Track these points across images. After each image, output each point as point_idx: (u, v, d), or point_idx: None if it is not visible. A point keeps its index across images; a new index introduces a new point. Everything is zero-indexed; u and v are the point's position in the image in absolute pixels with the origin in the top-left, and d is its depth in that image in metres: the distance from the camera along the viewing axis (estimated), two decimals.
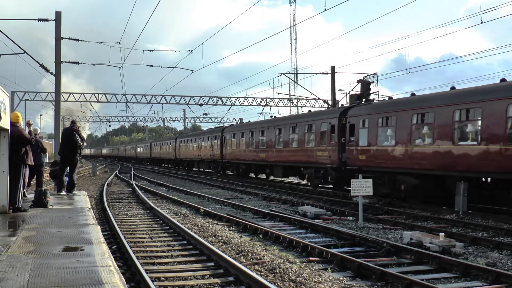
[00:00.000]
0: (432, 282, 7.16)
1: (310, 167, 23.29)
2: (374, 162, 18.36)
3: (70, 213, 9.75)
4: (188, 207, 17.08)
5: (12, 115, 9.79)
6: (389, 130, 17.81)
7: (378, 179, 17.50)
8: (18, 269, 4.97)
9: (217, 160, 37.97)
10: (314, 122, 23.20)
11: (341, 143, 20.54)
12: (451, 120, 14.82)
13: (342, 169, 20.44)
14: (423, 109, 16.22)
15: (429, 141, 15.77)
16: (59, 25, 21.17)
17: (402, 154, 16.87)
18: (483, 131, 13.77)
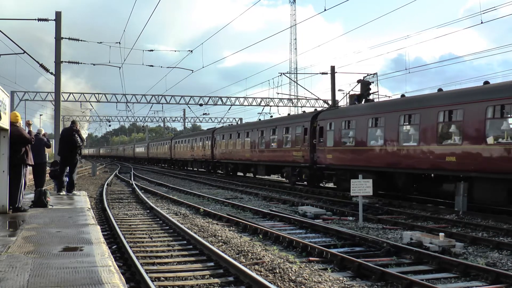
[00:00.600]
0: (432, 282, 7.16)
1: (288, 166, 25.72)
2: (339, 161, 20.79)
3: (70, 213, 9.75)
4: (188, 207, 17.08)
5: (11, 115, 9.78)
6: (350, 132, 20.19)
7: (343, 175, 20.25)
8: (18, 269, 4.97)
9: (208, 160, 40.47)
10: (291, 125, 25.78)
11: (312, 144, 22.92)
12: (397, 124, 17.23)
13: (314, 167, 22.87)
14: (376, 114, 18.62)
15: (381, 143, 18.06)
16: (59, 25, 21.16)
17: (360, 154, 19.28)
18: (421, 134, 16.08)
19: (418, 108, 16.51)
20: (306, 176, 24.20)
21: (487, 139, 13.69)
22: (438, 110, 15.44)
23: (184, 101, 50.14)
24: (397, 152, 17.14)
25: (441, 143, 15.34)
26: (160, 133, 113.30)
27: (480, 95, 14.16)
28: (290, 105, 51.44)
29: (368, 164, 18.72)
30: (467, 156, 14.23)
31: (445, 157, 14.99)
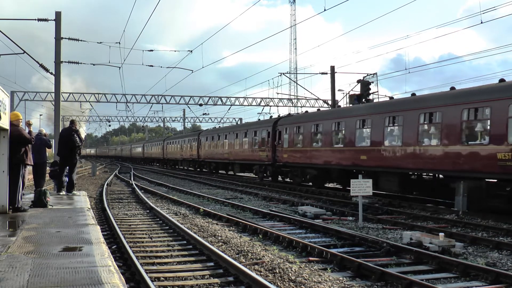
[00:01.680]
0: (431, 282, 7.17)
1: (256, 164, 30.55)
2: (292, 160, 25.45)
3: (69, 213, 9.75)
4: (187, 207, 17.08)
5: (11, 115, 9.79)
6: (300, 136, 24.82)
7: (295, 172, 25.47)
8: (17, 269, 4.96)
9: (195, 159, 45.62)
10: (258, 129, 30.47)
11: (274, 146, 27.62)
12: (329, 129, 21.95)
13: (275, 165, 27.68)
14: (317, 122, 23.34)
15: (320, 145, 22.70)
16: (58, 25, 21.13)
17: (307, 154, 23.78)
18: (345, 138, 20.80)
19: (343, 117, 21.35)
20: (269, 172, 29.12)
21: (385, 142, 18.13)
22: (356, 119, 20.05)
23: (184, 101, 50.15)
24: (331, 153, 21.80)
25: (357, 145, 19.73)
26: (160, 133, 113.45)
27: (379, 108, 19.26)
28: (290, 105, 51.46)
29: (312, 162, 23.36)
30: (373, 156, 18.68)
31: (360, 156, 19.48)
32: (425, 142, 16.29)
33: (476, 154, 14.19)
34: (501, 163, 13.23)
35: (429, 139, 16.28)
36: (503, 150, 13.25)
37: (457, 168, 14.74)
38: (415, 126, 16.59)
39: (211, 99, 50.41)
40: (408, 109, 17.15)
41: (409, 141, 16.84)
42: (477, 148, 14.20)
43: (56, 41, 21.44)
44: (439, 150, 15.44)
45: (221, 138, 37.65)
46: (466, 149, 14.49)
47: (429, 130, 16.36)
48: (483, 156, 13.92)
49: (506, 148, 13.14)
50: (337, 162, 21.28)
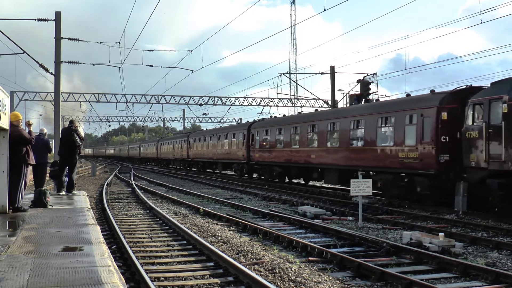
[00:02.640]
0: (431, 282, 7.17)
1: (235, 162, 34.36)
2: (262, 159, 29.48)
3: (69, 213, 9.75)
4: (187, 207, 17.08)
5: (11, 116, 9.78)
6: (268, 138, 28.93)
7: (265, 169, 29.65)
8: (17, 269, 4.96)
9: (185, 159, 49.28)
10: (236, 132, 34.62)
11: (248, 146, 31.50)
12: (289, 133, 26.10)
13: (250, 163, 31.48)
14: (280, 126, 27.69)
15: (283, 146, 26.88)
16: (58, 25, 21.12)
17: (273, 153, 28.04)
18: (301, 140, 24.76)
19: (299, 122, 25.52)
20: (245, 170, 32.96)
21: (327, 144, 22.10)
22: (307, 125, 24.32)
23: (183, 101, 50.15)
24: (290, 153, 25.72)
25: (308, 146, 23.73)
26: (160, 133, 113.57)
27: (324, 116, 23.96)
28: (290, 105, 51.46)
29: (277, 160, 27.40)
30: (319, 155, 22.71)
31: (310, 155, 23.44)
32: (354, 144, 20.12)
33: (386, 153, 17.87)
34: (401, 160, 16.88)
35: (357, 142, 20.01)
36: (402, 150, 16.94)
37: (375, 165, 18.45)
38: (347, 131, 20.52)
39: (211, 99, 50.43)
40: (342, 117, 21.45)
41: (343, 143, 20.83)
42: (387, 149, 17.84)
43: (56, 41, 21.43)
44: (364, 150, 19.20)
45: (206, 139, 41.72)
46: (380, 150, 18.21)
47: (356, 134, 20.10)
48: (390, 155, 17.62)
49: (404, 148, 16.87)
50: (295, 160, 25.31)
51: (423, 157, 15.98)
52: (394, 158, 17.21)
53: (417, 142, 16.32)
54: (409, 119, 16.93)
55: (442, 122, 15.55)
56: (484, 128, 13.52)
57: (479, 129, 13.76)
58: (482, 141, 13.58)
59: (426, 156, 15.86)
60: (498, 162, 13.05)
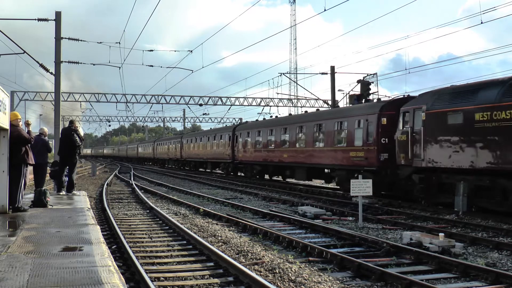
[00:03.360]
0: (431, 282, 7.17)
1: (222, 162, 38.01)
2: (244, 158, 32.70)
3: (69, 213, 9.75)
4: (187, 207, 17.08)
5: (10, 115, 9.78)
6: (249, 139, 31.93)
7: (247, 167, 33.03)
8: (17, 269, 4.96)
9: (178, 159, 52.79)
10: (223, 134, 37.89)
11: (233, 147, 34.74)
12: (266, 135, 29.32)
13: (234, 162, 34.90)
14: (259, 129, 30.91)
15: (261, 146, 29.92)
16: (59, 25, 21.11)
17: (253, 153, 31.23)
18: (275, 142, 28.09)
19: (274, 125, 28.78)
20: (231, 168, 36.24)
21: (296, 145, 25.07)
22: (281, 127, 27.48)
23: (184, 101, 50.12)
24: (267, 153, 28.94)
25: (282, 147, 26.97)
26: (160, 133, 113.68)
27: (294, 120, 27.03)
28: (290, 105, 51.44)
29: (257, 160, 30.64)
30: (290, 155, 25.86)
31: (283, 155, 26.70)
32: (317, 145, 23.09)
33: (341, 153, 20.83)
34: (352, 159, 19.76)
35: (319, 143, 22.93)
36: (352, 150, 19.78)
37: (334, 163, 21.50)
38: (312, 133, 23.57)
39: (211, 99, 50.39)
40: (308, 121, 24.35)
41: (309, 144, 23.78)
42: (341, 149, 20.79)
43: (56, 41, 21.42)
44: (324, 150, 22.31)
45: (197, 140, 45.21)
46: (336, 150, 21.24)
47: (319, 136, 23.05)
48: (344, 155, 20.58)
49: (354, 148, 19.71)
50: (271, 160, 28.60)
51: (367, 156, 18.82)
52: (347, 157, 20.25)
53: (363, 143, 19.20)
54: (357, 123, 19.79)
55: (382, 126, 18.27)
56: (410, 133, 16.26)
57: (406, 133, 16.43)
58: (408, 143, 16.28)
59: (370, 155, 18.71)
60: (419, 161, 15.69)
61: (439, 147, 15.06)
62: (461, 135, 14.25)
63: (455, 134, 14.46)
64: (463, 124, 14.18)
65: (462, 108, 14.35)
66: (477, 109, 13.68)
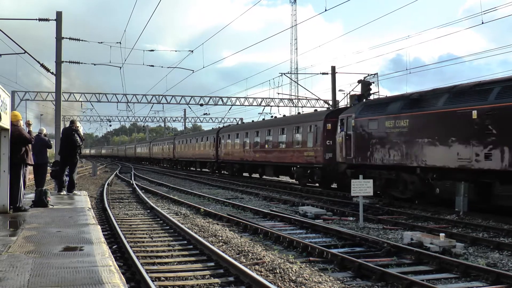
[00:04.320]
0: (432, 283, 7.16)
1: (208, 161, 42.71)
2: (226, 158, 37.00)
3: (70, 213, 9.76)
4: (188, 207, 17.08)
5: (11, 115, 9.79)
6: (229, 141, 36.10)
7: (227, 166, 37.53)
8: (18, 269, 4.97)
9: (171, 159, 57.31)
10: (208, 136, 42.39)
11: (217, 148, 38.89)
12: (243, 138, 33.31)
13: (218, 161, 39.13)
14: (236, 132, 35.48)
15: (238, 147, 34.18)
16: (59, 25, 21.13)
17: (233, 153, 35.43)
18: (250, 143, 32.14)
19: (249, 129, 32.82)
20: (215, 167, 40.58)
21: (265, 146, 29.36)
22: (254, 130, 31.54)
23: (184, 101, 50.18)
24: (244, 153, 32.99)
25: (254, 147, 31.03)
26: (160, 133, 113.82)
27: (264, 124, 31.66)
28: (290, 105, 51.44)
29: (235, 159, 34.98)
30: (261, 155, 30.01)
31: (256, 155, 30.79)
32: (280, 146, 27.43)
33: (298, 153, 25.12)
34: (306, 158, 24.22)
35: (282, 144, 27.31)
36: (306, 150, 24.22)
37: (294, 161, 25.66)
38: (277, 136, 27.79)
39: (211, 99, 50.44)
40: (275, 125, 29.06)
41: (275, 145, 28.07)
42: (298, 150, 25.13)
43: (57, 41, 21.43)
44: (286, 151, 26.63)
45: (187, 142, 49.43)
46: (295, 150, 25.56)
47: (282, 139, 27.31)
48: (300, 154, 24.82)
49: (307, 149, 24.14)
50: (246, 159, 32.64)
51: (316, 155, 23.27)
52: (302, 156, 24.62)
53: (313, 145, 23.57)
54: (309, 128, 24.15)
55: (327, 131, 22.59)
56: (344, 136, 19.67)
57: (342, 136, 19.85)
58: (343, 144, 19.72)
59: (318, 154, 23.15)
60: (350, 158, 19.22)
61: (363, 148, 18.45)
62: (376, 138, 17.74)
63: (373, 138, 17.93)
64: (377, 130, 17.75)
65: (377, 117, 17.91)
66: (387, 118, 17.21)
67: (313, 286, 6.84)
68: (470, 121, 13.70)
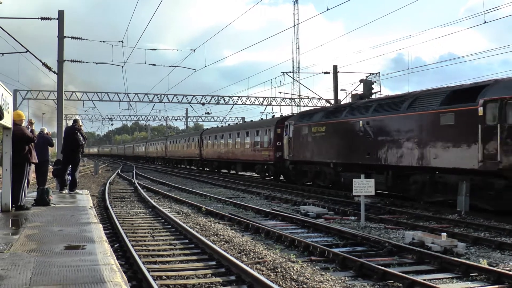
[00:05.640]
0: (434, 282, 7.16)
1: (193, 159, 49.13)
2: (208, 156, 42.95)
3: (72, 211, 9.78)
4: (190, 206, 17.09)
5: (14, 114, 9.81)
6: (210, 142, 42.00)
7: (209, 163, 43.75)
8: (20, 267, 4.98)
9: (164, 157, 63.16)
10: (194, 136, 48.41)
11: (200, 147, 44.77)
12: (220, 138, 38.76)
13: (201, 159, 45.15)
14: (214, 134, 41.62)
15: (216, 147, 39.74)
16: (61, 24, 21.17)
17: (215, 152, 40.81)
18: (225, 144, 38.08)
19: (225, 131, 39.05)
20: (199, 164, 46.99)
21: (236, 146, 35.31)
22: (228, 133, 37.71)
23: (186, 100, 50.16)
24: (220, 152, 39.02)
25: (227, 148, 36.97)
26: (162, 132, 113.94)
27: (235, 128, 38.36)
28: (292, 104, 51.44)
29: (214, 157, 41.11)
30: (232, 154, 36.09)
31: (229, 153, 36.83)
32: (247, 146, 33.22)
33: (258, 152, 31.15)
34: (263, 156, 30.14)
35: (248, 145, 33.14)
36: (264, 150, 30.26)
37: (256, 159, 31.45)
38: (244, 138, 34.05)
39: (213, 98, 50.43)
40: (242, 129, 35.61)
41: (242, 146, 34.35)
42: (258, 149, 31.33)
43: (59, 40, 21.48)
44: (250, 150, 32.66)
45: (177, 142, 55.86)
46: (256, 150, 31.53)
47: (248, 140, 33.19)
48: (259, 153, 30.90)
49: (264, 149, 30.19)
50: (222, 157, 38.75)
51: (269, 154, 29.16)
52: (261, 154, 30.62)
53: (268, 146, 29.57)
54: (265, 132, 30.21)
55: (277, 134, 28.17)
56: (287, 138, 25.39)
57: (287, 139, 25.60)
58: (287, 145, 25.43)
59: (271, 153, 28.98)
60: (291, 156, 24.94)
61: (299, 148, 24.03)
62: (307, 140, 23.27)
63: (304, 140, 23.45)
64: (307, 134, 23.12)
65: (307, 124, 23.40)
66: (313, 125, 22.83)
67: (315, 285, 6.84)
68: (359, 128, 18.88)
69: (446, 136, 14.77)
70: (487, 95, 13.52)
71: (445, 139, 14.81)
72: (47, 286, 4.31)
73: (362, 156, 18.55)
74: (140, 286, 6.90)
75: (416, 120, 16.07)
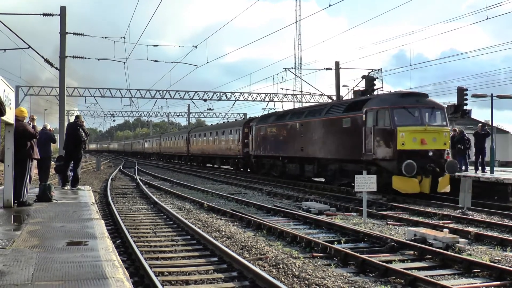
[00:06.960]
0: (435, 278, 7.16)
1: (182, 155, 54.43)
2: (194, 152, 48.38)
3: (74, 207, 9.79)
4: (191, 202, 17.11)
5: (16, 111, 9.82)
6: (195, 138, 47.63)
7: (195, 158, 49.36)
8: (22, 263, 4.99)
9: (158, 153, 68.95)
10: (183, 134, 53.74)
11: (188, 144, 50.23)
12: (207, 136, 44.11)
13: (189, 154, 50.58)
14: (199, 132, 47.52)
15: (200, 144, 46.03)
16: (63, 20, 21.13)
17: (199, 148, 46.69)
18: (208, 141, 44.79)
19: (207, 130, 45.18)
20: (187, 159, 52.08)
21: (215, 142, 41.04)
22: (210, 131, 43.49)
23: (188, 96, 50.13)
24: (203, 149, 44.81)
25: (208, 144, 43.38)
26: (164, 128, 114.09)
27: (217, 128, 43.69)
28: (294, 100, 51.39)
29: (199, 153, 46.40)
30: (212, 149, 42.11)
31: (210, 149, 42.69)
32: (223, 143, 38.80)
33: (231, 147, 36.73)
34: (234, 151, 35.92)
35: (224, 142, 38.36)
36: (235, 146, 35.68)
37: (231, 154, 36.92)
38: (221, 136, 39.27)
39: (215, 94, 50.40)
40: (219, 128, 40.95)
41: (219, 142, 39.86)
42: (231, 146, 36.57)
43: (61, 36, 21.43)
44: (225, 146, 37.98)
45: (169, 139, 61.13)
46: (229, 146, 37.14)
47: (223, 138, 38.61)
48: (232, 148, 36.18)
49: (235, 145, 35.70)
50: (205, 153, 44.85)
51: (239, 150, 34.69)
52: (233, 150, 36.11)
53: (238, 142, 34.80)
54: (236, 131, 35.60)
55: (244, 133, 33.62)
56: (251, 137, 31.28)
57: (251, 137, 31.35)
58: (251, 142, 31.20)
59: (240, 149, 34.46)
60: (253, 151, 30.89)
61: (259, 144, 29.57)
62: (264, 138, 28.83)
63: (263, 138, 29.03)
64: (264, 133, 28.78)
65: (264, 125, 29.15)
66: (268, 125, 28.50)
67: (316, 281, 6.84)
68: (296, 129, 24.55)
69: (346, 135, 19.75)
70: (367, 106, 18.42)
71: (345, 137, 19.78)
72: (49, 282, 4.32)
73: (298, 151, 24.14)
74: (142, 282, 6.91)
75: (329, 123, 21.33)
